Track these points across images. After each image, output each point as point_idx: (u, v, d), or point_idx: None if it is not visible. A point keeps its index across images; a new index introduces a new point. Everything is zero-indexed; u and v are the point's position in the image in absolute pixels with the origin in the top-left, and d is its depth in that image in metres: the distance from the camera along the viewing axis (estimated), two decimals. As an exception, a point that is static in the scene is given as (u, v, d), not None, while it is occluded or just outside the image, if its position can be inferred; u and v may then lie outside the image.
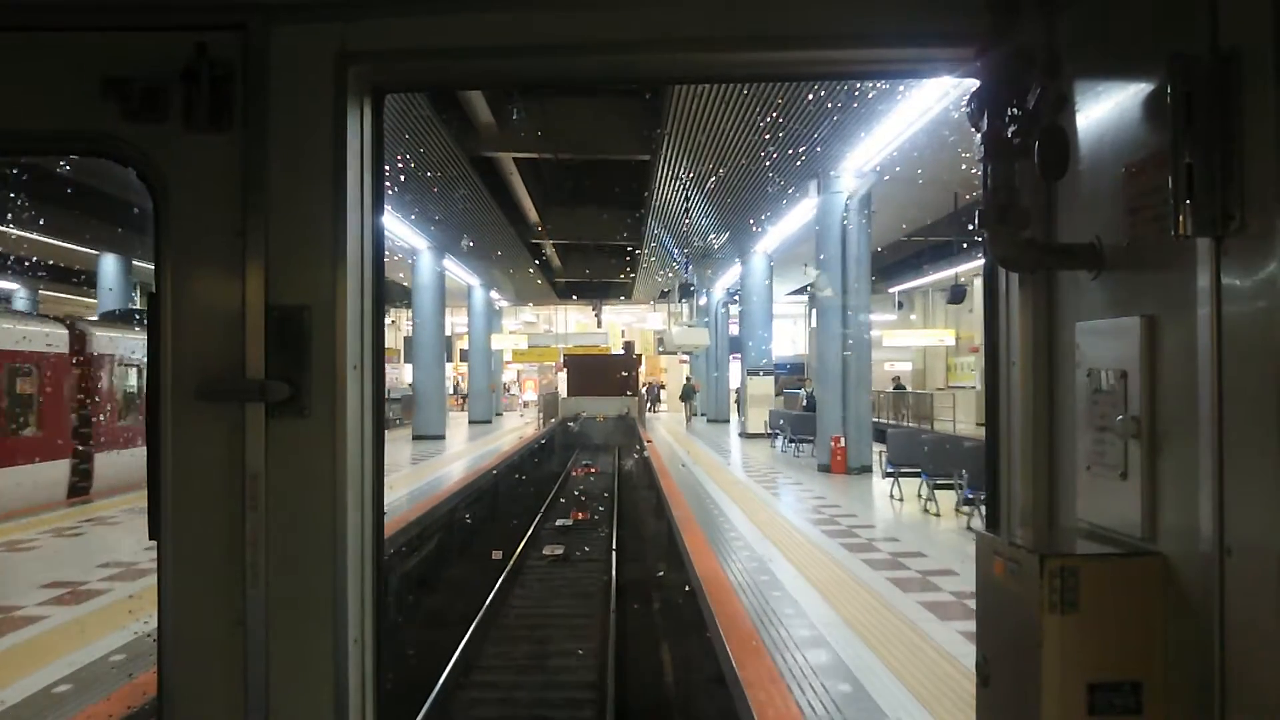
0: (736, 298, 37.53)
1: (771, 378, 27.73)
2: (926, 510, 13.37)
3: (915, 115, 13.84)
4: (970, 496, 12.24)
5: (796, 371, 39.51)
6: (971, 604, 1.75)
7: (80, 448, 15.63)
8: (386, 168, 1.78)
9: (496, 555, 14.41)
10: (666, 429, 33.72)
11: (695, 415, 39.65)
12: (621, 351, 47.70)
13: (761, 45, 1.59)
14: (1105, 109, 1.36)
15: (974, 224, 1.48)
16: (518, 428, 35.13)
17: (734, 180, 19.08)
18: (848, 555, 10.31)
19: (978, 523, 11.51)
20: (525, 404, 38.42)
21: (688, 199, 20.29)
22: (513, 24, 1.58)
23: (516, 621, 11.53)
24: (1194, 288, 1.15)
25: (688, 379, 42.19)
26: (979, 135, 1.41)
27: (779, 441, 24.36)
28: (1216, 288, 1.12)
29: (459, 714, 8.50)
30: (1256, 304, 1.07)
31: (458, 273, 33.38)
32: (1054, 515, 1.51)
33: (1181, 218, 1.13)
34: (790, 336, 47.22)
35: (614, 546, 15.53)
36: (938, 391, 30.63)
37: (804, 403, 26.64)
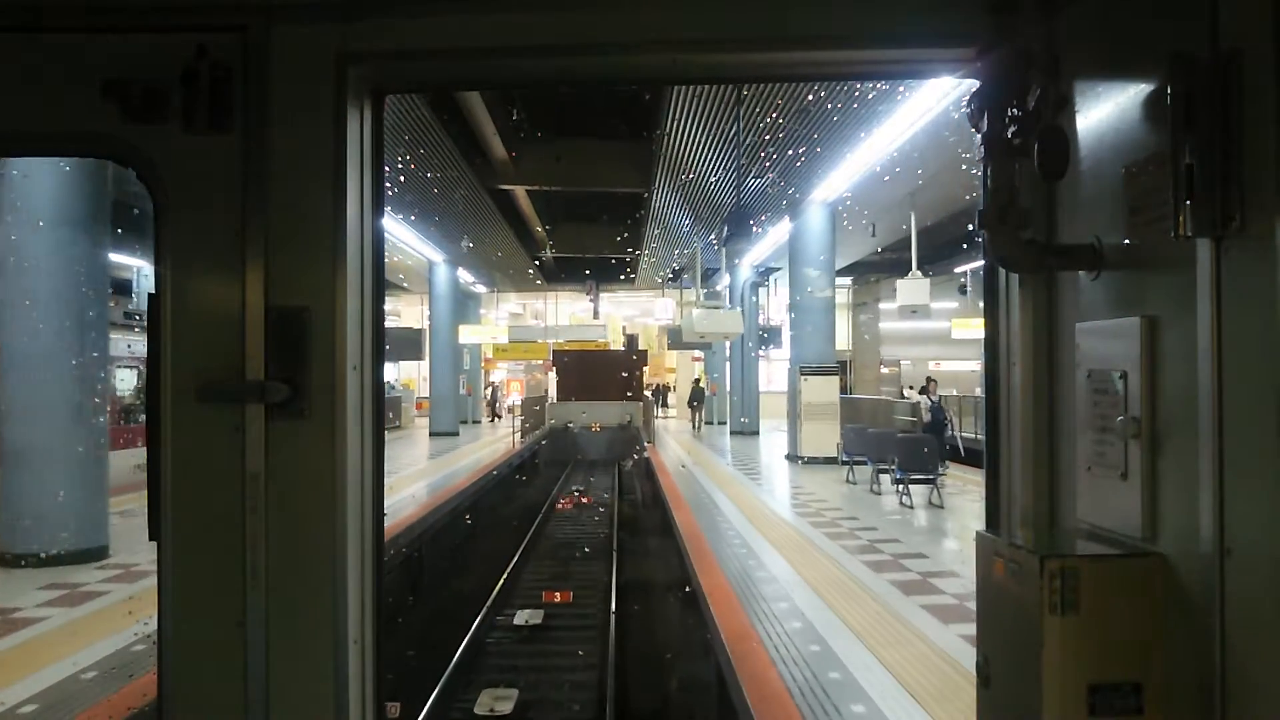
0: (768, 278, 29.94)
1: (835, 378, 19.91)
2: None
3: None
4: None
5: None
6: None
7: None
8: None
9: (392, 711, 7.74)
10: (687, 448, 25.91)
11: (706, 422, 33.98)
12: (623, 347, 40.15)
13: (761, 46, 1.58)
14: (1105, 109, 1.36)
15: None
16: (494, 440, 27.34)
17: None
18: None
19: None
20: (512, 409, 31.36)
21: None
22: (513, 25, 1.57)
23: None
24: (1194, 288, 1.15)
25: (696, 380, 34.66)
26: (979, 136, 1.40)
27: (857, 474, 16.30)
28: (1217, 288, 1.12)
29: None
30: (1256, 304, 1.07)
31: (410, 241, 25.60)
32: (1054, 516, 1.50)
33: (1181, 218, 1.13)
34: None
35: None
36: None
37: (926, 418, 18.70)
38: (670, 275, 33.35)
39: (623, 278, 36.06)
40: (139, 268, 17.66)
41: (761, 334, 27.68)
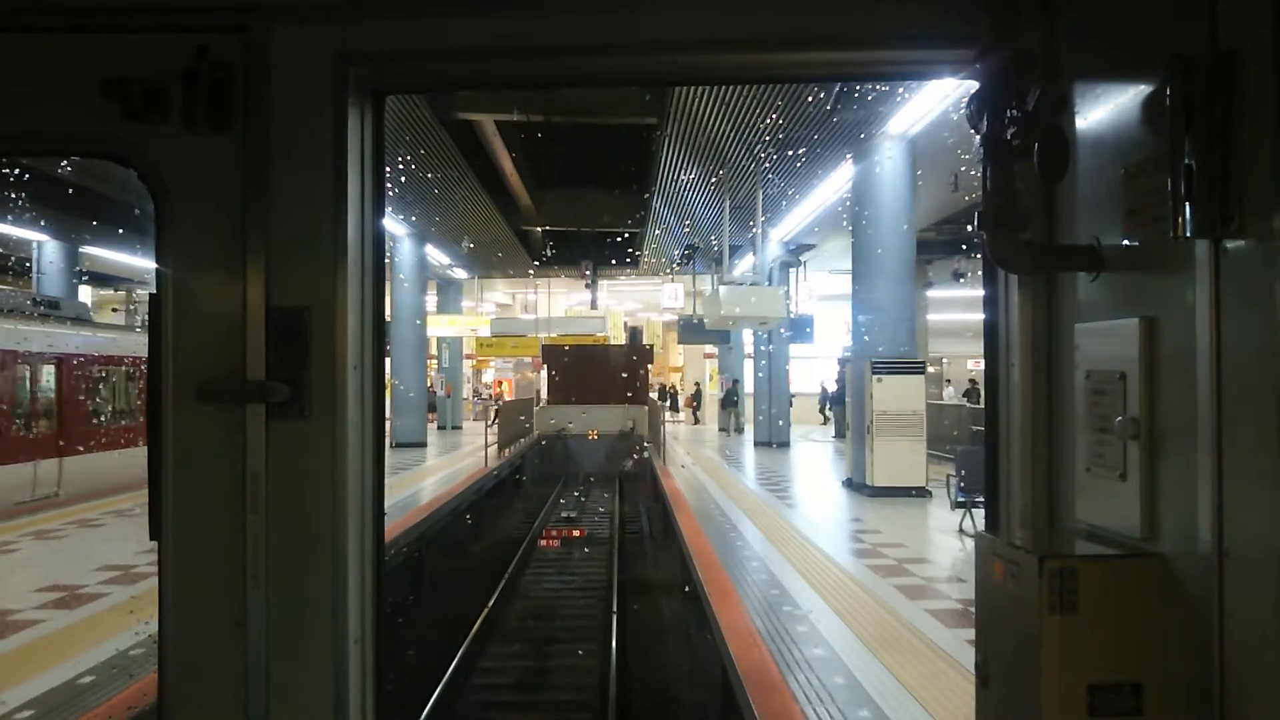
0: (799, 257, 24.73)
1: (920, 378, 14.52)
2: None
3: None
4: None
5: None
6: None
7: None
8: None
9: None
10: (712, 469, 19.77)
11: (721, 429, 30.09)
12: (624, 341, 34.94)
13: (761, 48, 1.57)
14: (1105, 110, 1.36)
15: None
16: (465, 454, 21.98)
17: None
18: None
19: None
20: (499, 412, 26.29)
21: None
22: (512, 25, 1.56)
23: None
24: (1193, 289, 1.15)
25: (735, 381, 29.50)
26: (979, 137, 1.39)
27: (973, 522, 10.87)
28: (1215, 289, 1.12)
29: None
30: (1255, 305, 1.06)
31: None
32: (1053, 516, 1.49)
33: (1180, 219, 1.12)
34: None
35: None
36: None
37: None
38: (681, 256, 28.01)
39: (624, 274, 30.92)
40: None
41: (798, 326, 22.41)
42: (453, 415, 31.35)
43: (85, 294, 28.15)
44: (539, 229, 26.11)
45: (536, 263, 29.90)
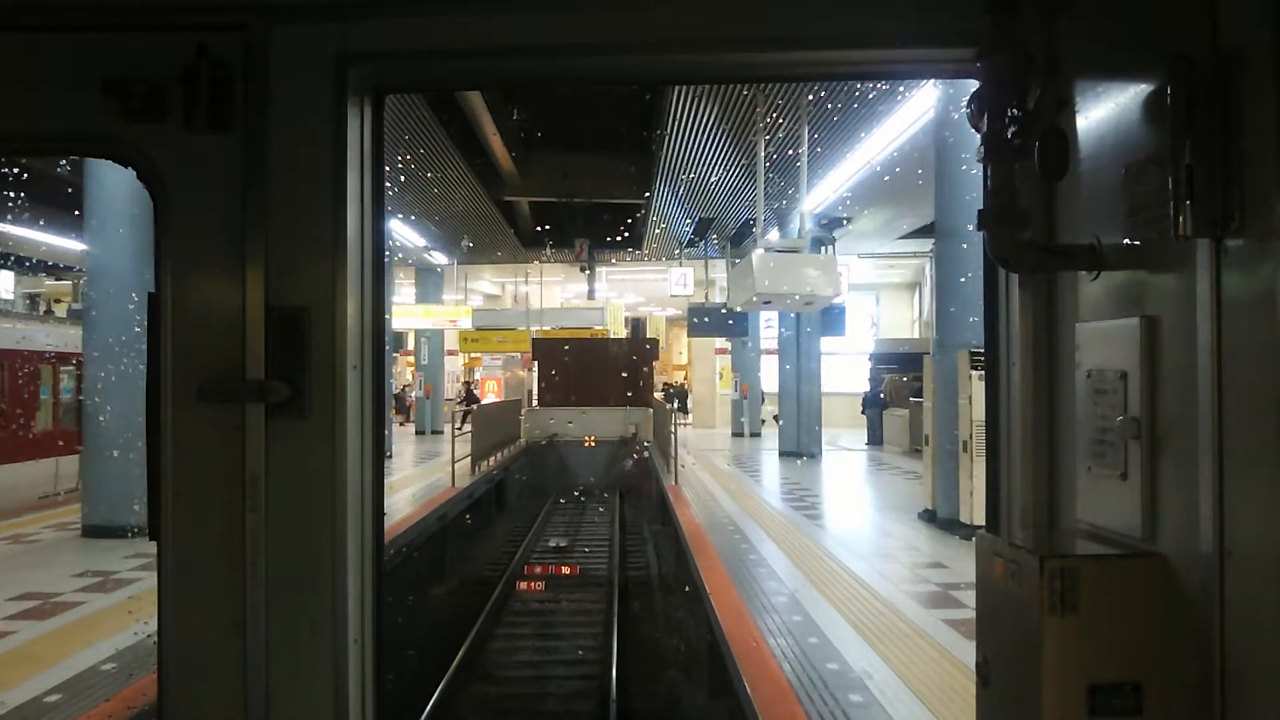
0: (832, 233, 21.15)
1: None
2: None
3: None
4: None
5: (914, 366, 22.71)
6: None
7: None
8: None
9: None
10: (737, 494, 15.42)
11: (736, 434, 27.20)
12: (624, 335, 31.42)
13: (761, 46, 1.58)
14: (1105, 110, 1.36)
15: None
16: (435, 469, 18.26)
17: None
18: None
19: None
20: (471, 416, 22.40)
21: None
22: (513, 25, 1.58)
23: None
24: (1194, 289, 1.15)
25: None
26: (979, 136, 1.39)
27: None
28: (1216, 288, 1.12)
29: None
30: (1256, 305, 1.07)
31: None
32: (1054, 516, 1.50)
33: (1181, 218, 1.12)
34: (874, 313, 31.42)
35: None
36: None
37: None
38: (691, 235, 24.29)
39: (625, 257, 27.32)
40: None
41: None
42: (432, 419, 27.71)
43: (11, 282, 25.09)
44: (525, 202, 22.37)
45: (536, 261, 26.52)
